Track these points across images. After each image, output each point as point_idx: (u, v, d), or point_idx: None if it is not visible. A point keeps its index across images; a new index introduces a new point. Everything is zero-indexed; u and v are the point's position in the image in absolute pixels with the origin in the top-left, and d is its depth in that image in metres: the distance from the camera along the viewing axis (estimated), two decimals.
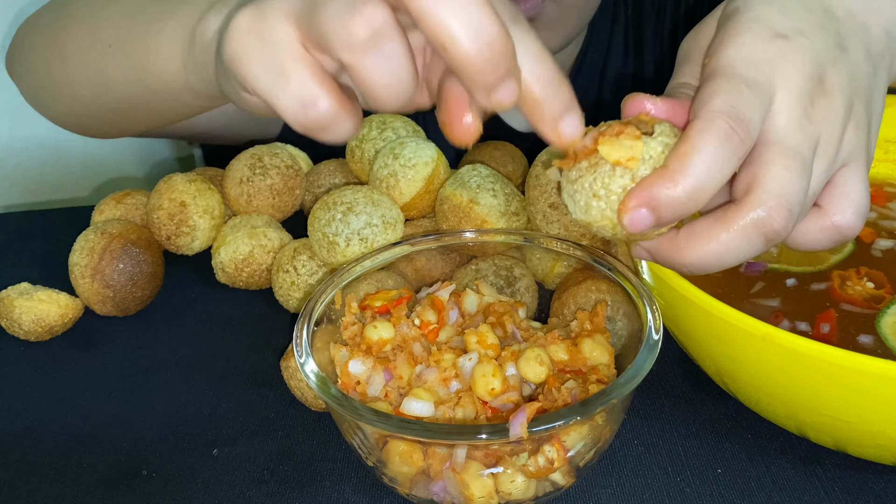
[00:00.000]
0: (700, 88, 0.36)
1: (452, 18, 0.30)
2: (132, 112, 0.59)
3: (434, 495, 0.42)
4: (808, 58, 0.36)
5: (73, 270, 0.61)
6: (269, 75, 0.34)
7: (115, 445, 0.50)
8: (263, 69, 0.34)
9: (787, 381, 0.41)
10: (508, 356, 0.45)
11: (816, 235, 0.38)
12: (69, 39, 0.60)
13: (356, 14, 0.31)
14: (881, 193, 0.59)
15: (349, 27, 0.31)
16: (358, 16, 0.31)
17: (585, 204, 0.36)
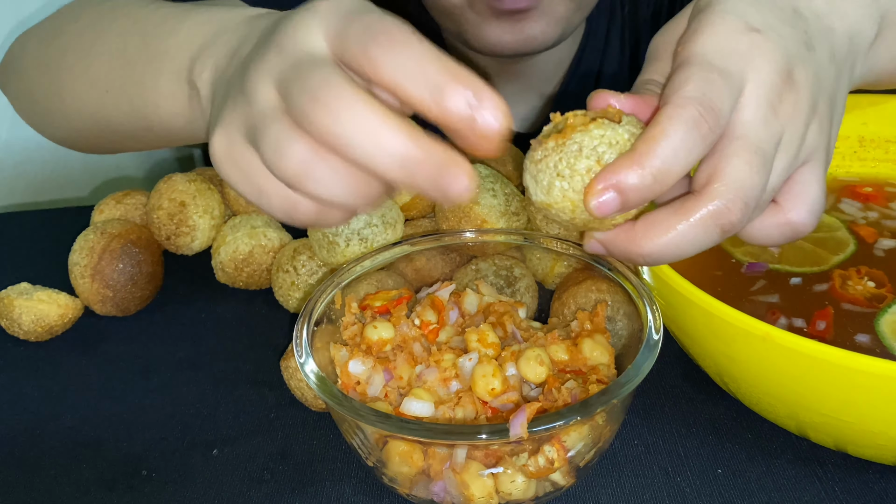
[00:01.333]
0: (672, 75, 0.37)
1: (371, 149, 0.32)
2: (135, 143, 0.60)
3: (434, 495, 0.41)
4: (779, 53, 0.37)
5: (73, 270, 0.61)
6: (253, 194, 0.36)
7: (115, 445, 0.50)
8: (247, 189, 0.36)
9: (787, 381, 0.41)
10: (508, 356, 0.45)
11: (770, 231, 0.38)
12: (64, 77, 0.60)
13: (282, 157, 0.33)
14: (882, 193, 0.59)
15: (280, 168, 0.34)
16: (283, 159, 0.33)
17: (548, 184, 0.36)
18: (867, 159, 0.61)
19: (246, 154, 0.36)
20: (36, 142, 1.10)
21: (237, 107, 0.36)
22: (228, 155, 0.36)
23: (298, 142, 0.33)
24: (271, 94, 0.35)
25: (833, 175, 0.62)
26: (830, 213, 0.57)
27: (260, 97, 0.35)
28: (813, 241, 0.54)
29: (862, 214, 0.57)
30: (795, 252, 0.53)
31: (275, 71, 0.35)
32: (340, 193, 0.34)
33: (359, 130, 0.32)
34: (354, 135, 0.32)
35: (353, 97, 0.32)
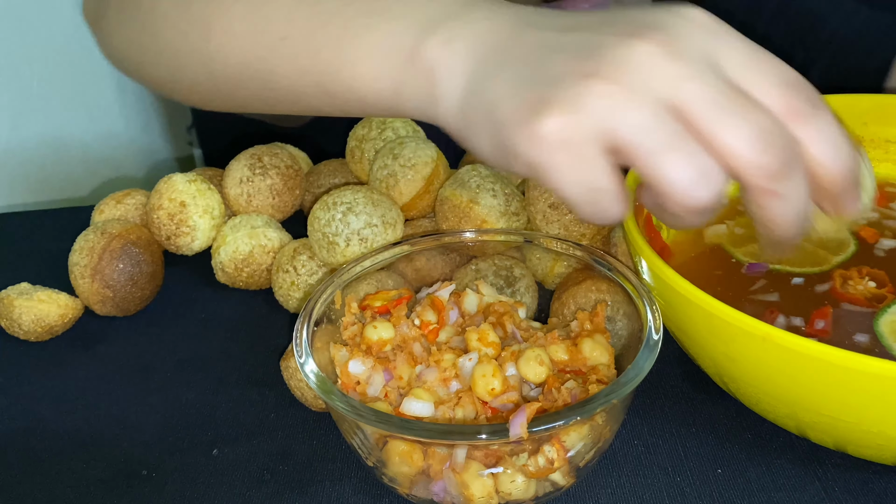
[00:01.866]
0: None
1: (833, 158, 0.33)
2: (289, 104, 0.51)
3: (434, 495, 0.42)
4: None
5: (73, 270, 0.61)
6: (581, 192, 0.34)
7: (115, 445, 0.50)
8: (575, 186, 0.34)
9: (787, 381, 0.41)
10: (508, 356, 0.45)
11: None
12: (218, 13, 0.50)
13: (770, 147, 0.32)
14: (883, 194, 0.59)
15: (764, 159, 0.32)
16: (771, 148, 0.32)
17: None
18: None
19: (593, 150, 0.33)
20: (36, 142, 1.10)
21: (598, 95, 0.33)
22: (567, 143, 0.33)
23: (787, 139, 0.33)
24: (667, 104, 0.33)
25: None
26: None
27: (655, 104, 0.33)
28: (814, 242, 0.54)
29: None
30: (797, 252, 0.53)
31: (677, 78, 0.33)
32: (796, 209, 0.34)
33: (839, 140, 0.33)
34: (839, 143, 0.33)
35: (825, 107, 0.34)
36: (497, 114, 0.35)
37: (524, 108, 0.34)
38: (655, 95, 0.32)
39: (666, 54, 0.33)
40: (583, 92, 0.33)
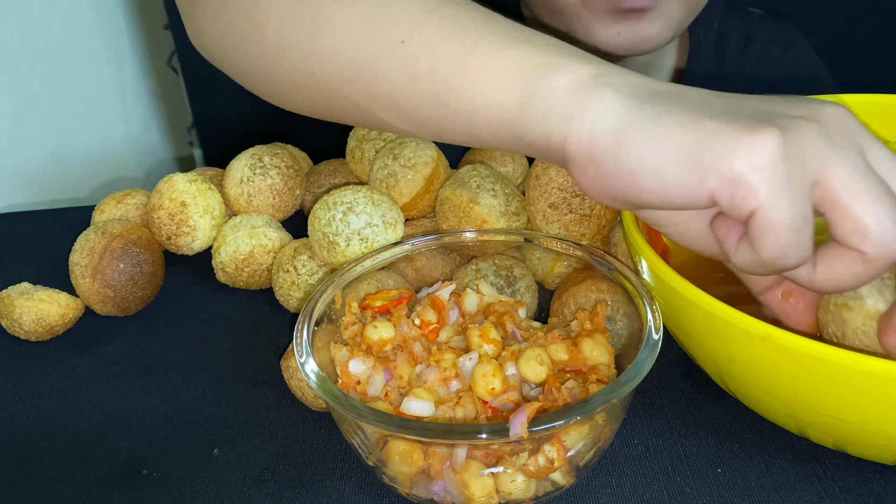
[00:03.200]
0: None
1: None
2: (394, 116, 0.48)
3: (434, 495, 0.42)
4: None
5: (74, 270, 0.61)
6: (790, 216, 0.35)
7: (115, 445, 0.50)
8: (787, 207, 0.35)
9: (787, 380, 0.41)
10: (508, 356, 0.45)
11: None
12: (335, 11, 0.48)
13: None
14: None
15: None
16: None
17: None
18: None
19: (804, 177, 0.35)
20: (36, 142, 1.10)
21: (810, 132, 0.35)
22: (789, 160, 0.34)
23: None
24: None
25: None
26: None
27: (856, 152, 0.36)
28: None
29: None
30: None
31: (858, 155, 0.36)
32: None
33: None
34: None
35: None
36: (687, 137, 0.35)
37: (742, 126, 0.35)
38: (855, 147, 0.36)
39: (853, 127, 0.37)
40: (800, 123, 0.35)
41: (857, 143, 0.36)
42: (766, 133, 0.34)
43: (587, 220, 0.53)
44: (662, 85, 0.39)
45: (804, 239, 0.35)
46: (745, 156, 0.34)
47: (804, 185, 0.34)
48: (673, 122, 0.36)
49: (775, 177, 0.34)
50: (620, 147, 0.37)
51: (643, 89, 0.38)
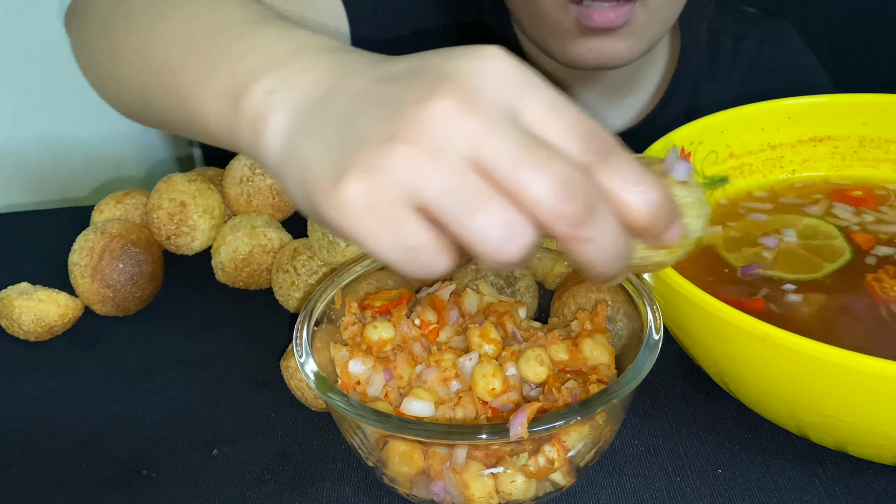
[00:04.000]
0: None
1: (637, 199, 0.33)
2: (176, 130, 0.54)
3: (434, 495, 0.41)
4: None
5: (73, 270, 0.61)
6: (396, 253, 0.34)
7: (115, 445, 0.50)
8: (388, 249, 0.34)
9: (787, 381, 0.41)
10: (508, 356, 0.45)
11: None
12: (121, 44, 0.54)
13: (571, 196, 0.32)
14: (872, 197, 0.59)
15: (567, 209, 0.32)
16: (573, 197, 0.32)
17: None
18: (867, 159, 0.61)
19: (401, 211, 0.33)
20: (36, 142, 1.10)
21: (398, 157, 0.32)
22: (373, 208, 0.33)
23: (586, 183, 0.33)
24: (468, 163, 0.32)
25: (826, 177, 0.62)
26: (825, 219, 0.57)
27: (456, 164, 0.32)
28: (809, 249, 0.54)
29: (856, 220, 0.57)
30: (790, 259, 0.53)
31: (475, 135, 0.32)
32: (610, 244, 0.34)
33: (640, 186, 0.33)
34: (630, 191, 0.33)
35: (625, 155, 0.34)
36: (307, 176, 0.35)
37: (329, 173, 0.34)
38: (456, 154, 0.32)
39: (464, 109, 0.32)
40: (384, 155, 0.32)
41: (505, 107, 0.33)
42: (346, 188, 0.33)
43: None
44: (326, 80, 0.38)
45: (425, 257, 0.34)
46: (334, 214, 0.34)
47: (403, 216, 0.33)
48: (298, 170, 0.36)
49: (364, 226, 0.33)
50: (284, 189, 0.38)
51: (306, 105, 0.37)
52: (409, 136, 0.32)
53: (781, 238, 0.55)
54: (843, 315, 0.48)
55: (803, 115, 0.61)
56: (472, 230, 0.33)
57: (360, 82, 0.36)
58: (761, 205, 0.59)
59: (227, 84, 0.42)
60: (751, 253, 0.54)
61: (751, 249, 0.54)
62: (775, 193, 0.60)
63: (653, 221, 0.34)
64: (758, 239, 0.55)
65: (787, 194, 0.60)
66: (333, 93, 0.37)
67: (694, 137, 0.58)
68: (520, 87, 0.34)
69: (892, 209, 0.58)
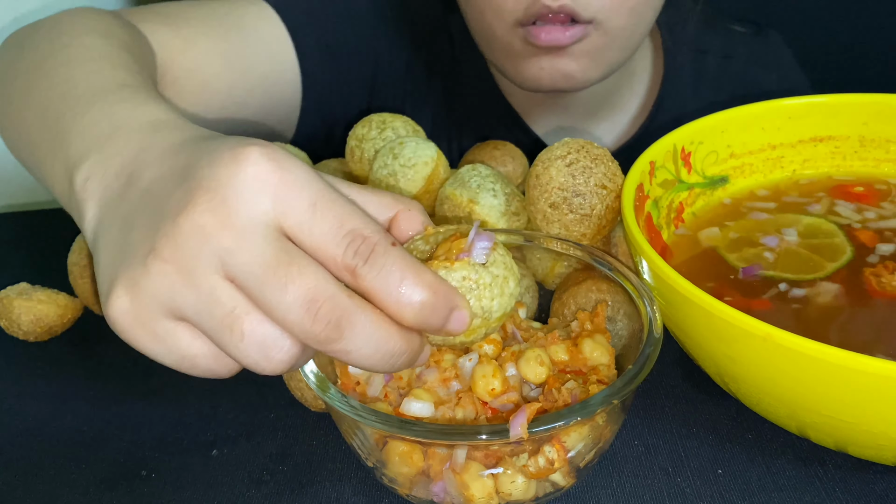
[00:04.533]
0: None
1: (399, 300, 0.32)
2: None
3: (434, 496, 0.41)
4: None
5: (73, 270, 0.60)
6: (175, 360, 0.35)
7: (115, 445, 0.50)
8: (166, 356, 0.35)
9: (787, 381, 0.41)
10: (508, 356, 0.45)
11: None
12: (4, 111, 0.55)
13: (317, 315, 0.32)
14: (872, 192, 0.59)
15: (314, 328, 0.32)
16: (319, 315, 0.32)
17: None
18: (868, 159, 0.61)
19: (167, 325, 0.33)
20: None
21: (155, 274, 0.33)
22: (140, 322, 0.34)
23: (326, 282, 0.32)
24: (220, 281, 0.32)
25: (829, 174, 0.62)
26: (827, 218, 0.57)
27: (207, 283, 0.32)
28: (810, 248, 0.54)
29: (858, 217, 0.56)
30: (791, 258, 0.53)
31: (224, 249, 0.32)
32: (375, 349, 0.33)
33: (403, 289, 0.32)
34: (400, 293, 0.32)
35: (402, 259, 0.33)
36: (98, 281, 0.36)
37: (105, 284, 0.35)
38: (207, 271, 0.32)
39: (215, 223, 0.32)
40: (144, 272, 0.33)
41: (259, 216, 0.32)
42: (112, 304, 0.34)
43: (587, 220, 0.53)
44: (126, 170, 0.38)
45: (203, 366, 0.35)
46: (113, 326, 0.34)
47: (170, 328, 0.34)
48: (96, 262, 0.36)
49: (137, 337, 0.34)
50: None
51: (108, 198, 0.38)
52: (164, 253, 0.32)
53: (782, 238, 0.55)
54: (849, 314, 0.48)
55: (803, 114, 0.61)
56: (229, 347, 0.33)
57: (147, 176, 0.36)
58: (765, 203, 0.59)
59: (61, 168, 0.42)
60: (752, 253, 0.54)
61: (752, 250, 0.54)
62: (779, 192, 0.60)
63: (423, 320, 0.33)
64: (759, 239, 0.55)
65: (790, 192, 0.60)
66: (128, 187, 0.37)
67: (694, 137, 0.58)
68: (277, 194, 0.32)
69: (892, 204, 0.58)
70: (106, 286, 0.34)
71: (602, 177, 0.53)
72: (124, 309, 0.34)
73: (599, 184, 0.53)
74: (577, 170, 0.53)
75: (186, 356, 0.34)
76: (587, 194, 0.53)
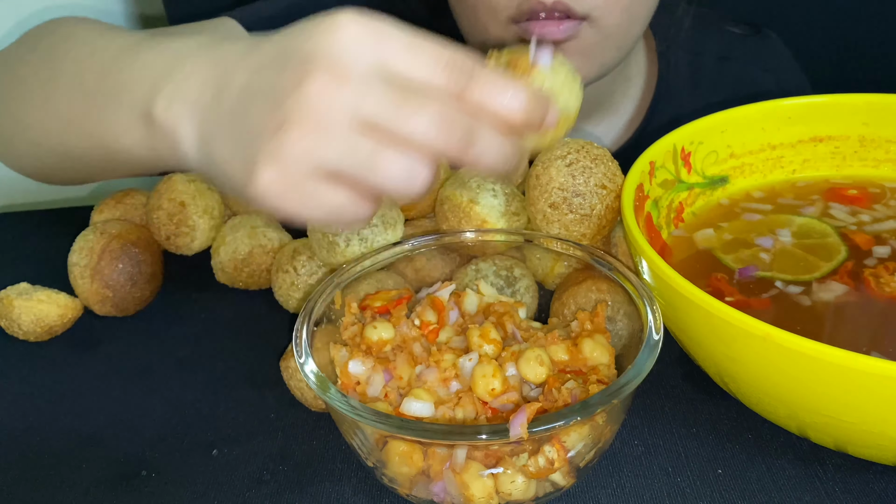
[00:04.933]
0: None
1: (508, 102, 0.38)
2: (100, 174, 0.58)
3: (434, 496, 0.41)
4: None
5: (73, 270, 0.60)
6: (324, 216, 0.38)
7: (115, 445, 0.50)
8: (317, 214, 0.38)
9: (787, 381, 0.41)
10: (508, 356, 0.45)
11: None
12: (26, 107, 0.57)
13: (450, 127, 0.37)
14: (866, 195, 0.59)
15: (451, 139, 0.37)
16: (451, 126, 0.37)
17: None
18: (868, 159, 0.61)
19: (313, 184, 0.37)
20: None
21: (294, 141, 0.36)
22: (288, 188, 0.37)
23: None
24: (355, 129, 0.36)
25: (827, 177, 0.62)
26: (821, 220, 0.57)
27: (344, 133, 0.36)
28: (804, 248, 0.54)
29: (853, 220, 0.56)
30: (787, 259, 0.53)
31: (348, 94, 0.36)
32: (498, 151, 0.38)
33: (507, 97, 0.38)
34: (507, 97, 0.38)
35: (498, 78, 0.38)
36: (227, 175, 0.40)
37: (243, 170, 0.38)
38: (342, 123, 0.36)
39: (334, 82, 0.36)
40: (282, 142, 0.36)
41: (370, 65, 0.36)
42: (259, 179, 0.37)
43: (587, 220, 0.53)
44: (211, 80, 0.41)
45: (350, 213, 0.38)
46: (261, 201, 0.38)
47: (318, 186, 0.37)
48: (219, 171, 0.40)
49: (289, 205, 0.38)
50: (207, 178, 0.46)
51: (202, 110, 0.41)
52: (297, 120, 0.36)
53: (777, 238, 0.55)
54: (848, 314, 0.48)
55: (803, 115, 0.61)
56: (378, 181, 0.37)
57: (240, 76, 0.39)
58: (760, 205, 0.59)
59: (131, 113, 0.45)
60: (747, 254, 0.54)
61: (747, 251, 0.54)
62: (775, 193, 0.60)
63: (529, 117, 0.38)
64: (753, 240, 0.55)
65: (786, 195, 0.60)
66: (221, 92, 0.40)
67: (694, 137, 0.58)
68: (377, 44, 0.37)
69: (885, 207, 0.58)
70: (243, 173, 0.38)
71: (602, 177, 0.53)
72: (272, 180, 0.37)
73: (599, 184, 0.53)
74: (576, 170, 0.53)
75: (333, 208, 0.38)
76: (587, 194, 0.53)
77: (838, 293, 0.49)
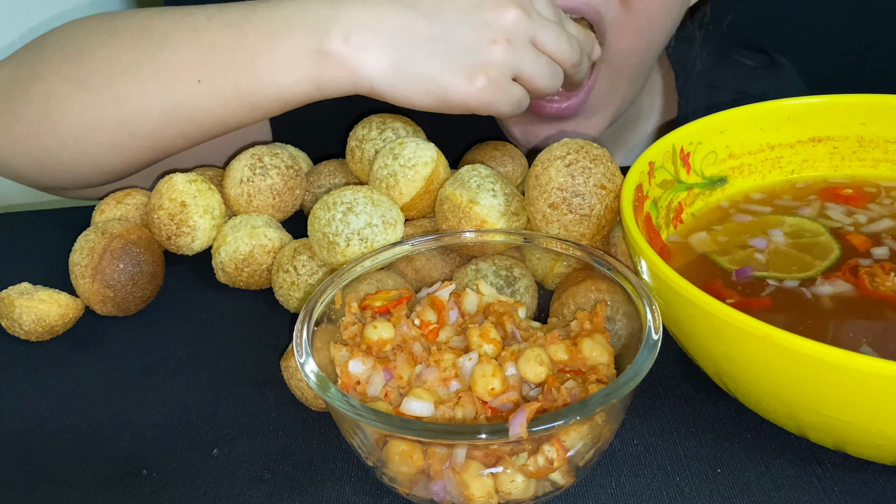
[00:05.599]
0: None
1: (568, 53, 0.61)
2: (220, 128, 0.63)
3: (434, 495, 0.42)
4: None
5: (74, 270, 0.61)
6: (512, 106, 0.59)
7: (115, 445, 0.50)
8: (508, 105, 0.59)
9: (786, 380, 0.41)
10: (508, 356, 0.45)
11: None
12: (123, 83, 0.60)
13: (574, 49, 0.62)
14: (861, 194, 0.59)
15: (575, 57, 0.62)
16: (574, 49, 0.62)
17: None
18: (866, 159, 0.61)
19: (508, 84, 0.57)
20: None
21: (501, 54, 0.56)
22: (495, 89, 0.56)
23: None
24: (534, 46, 0.58)
25: (825, 177, 0.62)
26: (816, 220, 0.57)
27: (530, 49, 0.58)
28: (798, 247, 0.54)
29: (849, 220, 0.57)
30: (781, 258, 0.53)
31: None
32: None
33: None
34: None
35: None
36: (436, 83, 0.56)
37: (462, 74, 0.56)
38: (528, 42, 0.57)
39: (523, 14, 0.57)
40: (492, 53, 0.56)
41: (535, 7, 0.58)
42: (478, 80, 0.56)
43: (587, 220, 0.53)
44: (402, 18, 0.56)
45: (525, 103, 0.60)
46: (474, 97, 0.57)
47: (511, 84, 0.58)
48: (423, 80, 0.56)
49: (494, 99, 0.57)
50: (396, 97, 0.58)
51: (388, 36, 0.56)
52: (502, 38, 0.56)
53: (770, 239, 0.55)
54: (846, 314, 0.48)
55: (802, 115, 0.61)
56: (542, 80, 0.59)
57: (427, 5, 0.56)
58: (757, 207, 0.59)
59: (297, 51, 0.56)
60: (743, 255, 0.54)
61: (742, 252, 0.54)
62: (773, 194, 0.60)
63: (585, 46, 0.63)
64: (747, 241, 0.55)
65: (783, 196, 0.60)
66: (406, 22, 0.56)
67: (693, 138, 0.58)
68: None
69: (880, 206, 0.58)
70: (463, 76, 0.56)
71: (601, 177, 0.53)
72: (484, 85, 0.56)
73: (598, 184, 0.53)
74: (576, 170, 0.53)
75: (519, 100, 0.59)
76: (586, 194, 0.53)
77: (838, 290, 0.50)
